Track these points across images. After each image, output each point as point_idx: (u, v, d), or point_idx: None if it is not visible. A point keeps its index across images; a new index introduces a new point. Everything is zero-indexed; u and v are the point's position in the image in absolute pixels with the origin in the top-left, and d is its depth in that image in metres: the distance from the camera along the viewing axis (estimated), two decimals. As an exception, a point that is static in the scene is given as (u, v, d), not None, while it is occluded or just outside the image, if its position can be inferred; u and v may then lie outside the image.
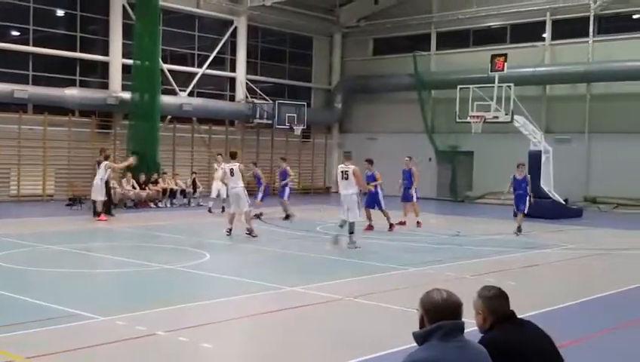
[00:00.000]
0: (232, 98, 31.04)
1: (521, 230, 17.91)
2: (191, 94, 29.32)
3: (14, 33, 25.47)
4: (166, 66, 27.93)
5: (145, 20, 25.25)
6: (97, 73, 27.44)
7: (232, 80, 31.07)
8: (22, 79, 24.69)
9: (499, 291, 3.91)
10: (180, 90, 28.85)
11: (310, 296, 9.76)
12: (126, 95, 25.85)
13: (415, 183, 19.50)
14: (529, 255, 15.09)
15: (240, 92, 30.83)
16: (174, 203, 24.74)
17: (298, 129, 30.22)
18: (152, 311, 8.58)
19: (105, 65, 26.82)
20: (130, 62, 25.96)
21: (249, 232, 16.06)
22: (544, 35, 29.31)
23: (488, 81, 23.72)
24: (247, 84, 30.94)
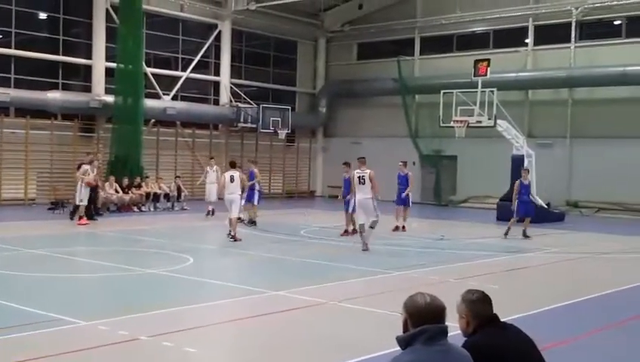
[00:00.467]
0: (216, 102, 30.97)
1: (507, 233, 18.32)
2: (175, 98, 29.22)
3: (-4, 36, 25.29)
4: (150, 70, 27.82)
5: (128, 24, 25.13)
6: (80, 76, 27.27)
7: (216, 84, 31.00)
8: (4, 82, 24.45)
9: (482, 295, 3.93)
10: (164, 94, 28.74)
11: (294, 300, 9.75)
12: (109, 98, 25.70)
13: (410, 188, 19.46)
14: (512, 258, 15.17)
15: (224, 96, 30.77)
16: (158, 207, 24.60)
17: (282, 133, 30.22)
18: (135, 316, 8.53)
19: (88, 68, 26.65)
20: (113, 65, 25.82)
21: (232, 237, 16.22)
22: (527, 41, 29.52)
23: (472, 86, 23.87)
24: (231, 88, 30.89)
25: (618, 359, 7.68)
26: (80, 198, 18.90)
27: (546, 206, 24.46)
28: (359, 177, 15.36)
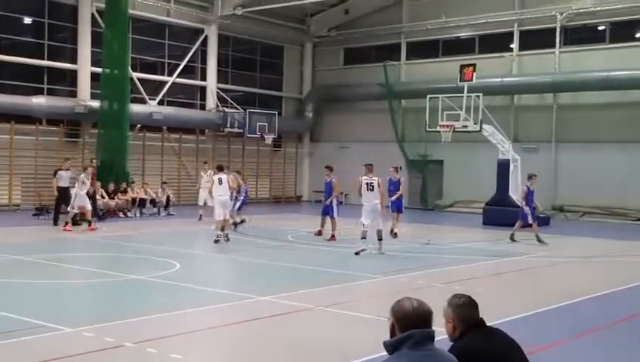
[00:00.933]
0: (203, 107, 30.89)
1: (514, 237, 18.40)
2: (161, 103, 29.12)
3: (-20, 40, 25.11)
4: (136, 75, 27.70)
5: (114, 28, 25.03)
6: (66, 81, 27.09)
7: (203, 89, 30.93)
8: (-12, 87, 24.31)
9: (469, 299, 3.94)
10: (150, 99, 28.63)
11: (281, 306, 9.72)
12: (95, 103, 25.56)
13: (401, 192, 19.16)
14: (498, 263, 15.23)
15: (211, 101, 30.71)
16: (144, 212, 24.50)
17: (269, 138, 30.20)
18: (121, 322, 8.47)
19: (73, 73, 26.50)
20: (99, 70, 25.66)
21: (217, 239, 16.51)
22: (512, 46, 29.71)
23: (457, 91, 23.97)
24: (217, 93, 30.84)
25: (604, 362, 7.71)
26: (72, 206, 18.87)
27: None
28: (367, 183, 15.45)
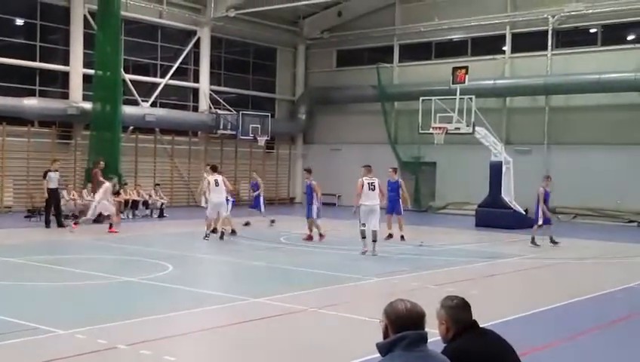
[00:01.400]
0: (196, 109, 30.85)
1: (535, 240, 18.36)
2: (154, 105, 29.07)
3: (-28, 42, 25.02)
4: (128, 76, 27.64)
5: (106, 30, 24.94)
6: (58, 83, 27.02)
7: (196, 90, 30.90)
8: (-20, 89, 24.22)
9: (461, 301, 3.95)
10: (143, 101, 28.58)
11: (274, 307, 9.72)
12: (87, 105, 25.47)
13: (404, 195, 18.99)
14: (491, 264, 15.27)
15: (203, 103, 30.67)
16: (136, 214, 24.45)
17: (262, 140, 30.20)
18: (114, 324, 8.45)
19: (65, 75, 26.42)
20: (91, 72, 25.57)
21: (221, 235, 17.50)
22: (504, 48, 29.80)
23: (450, 93, 24.03)
24: (210, 95, 30.81)
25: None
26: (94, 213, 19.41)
27: (524, 212, 24.64)
28: (369, 183, 15.56)
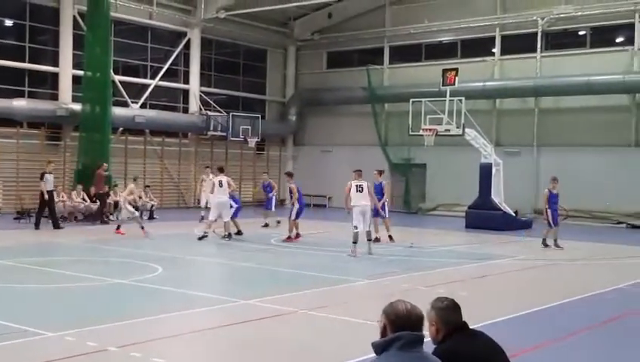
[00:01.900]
0: (186, 110, 30.79)
1: (546, 242, 18.57)
2: (144, 106, 28.98)
3: (-40, 43, 24.86)
4: (118, 78, 27.56)
5: (96, 31, 24.86)
6: (47, 84, 26.90)
7: (186, 92, 30.83)
8: (-32, 90, 24.08)
9: (452, 302, 3.96)
10: (133, 102, 28.49)
11: (265, 309, 9.72)
12: (76, 106, 25.36)
13: (386, 198, 18.85)
14: (481, 266, 15.31)
15: (193, 104, 30.61)
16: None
17: (252, 141, 30.18)
18: (103, 326, 8.42)
19: (55, 76, 26.31)
20: (80, 73, 25.50)
21: (228, 236, 17.88)
22: (494, 50, 29.92)
23: (440, 95, 24.09)
24: (200, 96, 30.75)
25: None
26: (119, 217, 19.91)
27: (514, 213, 24.76)
28: (357, 186, 15.77)
